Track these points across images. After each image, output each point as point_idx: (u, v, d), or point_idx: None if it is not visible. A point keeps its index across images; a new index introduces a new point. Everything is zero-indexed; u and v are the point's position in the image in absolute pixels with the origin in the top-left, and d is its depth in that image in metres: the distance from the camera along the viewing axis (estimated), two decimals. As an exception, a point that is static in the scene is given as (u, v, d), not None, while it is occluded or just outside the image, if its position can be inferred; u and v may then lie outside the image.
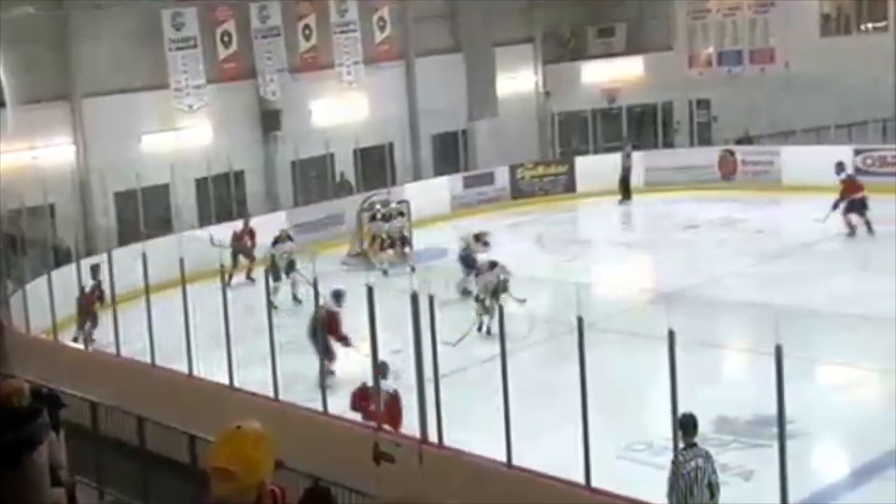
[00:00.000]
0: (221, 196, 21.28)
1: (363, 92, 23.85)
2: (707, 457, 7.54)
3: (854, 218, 18.59)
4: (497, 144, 25.37)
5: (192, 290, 11.75)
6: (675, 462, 7.49)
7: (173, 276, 11.84)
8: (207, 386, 11.22)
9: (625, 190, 24.05)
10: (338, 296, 13.02)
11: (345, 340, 12.82)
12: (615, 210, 23.55)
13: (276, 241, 18.24)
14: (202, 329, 11.48)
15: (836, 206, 18.72)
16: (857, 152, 23.18)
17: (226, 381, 10.92)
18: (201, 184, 21.04)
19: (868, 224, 18.41)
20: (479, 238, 17.87)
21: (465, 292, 16.43)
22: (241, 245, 18.79)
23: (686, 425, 7.48)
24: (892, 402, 6.55)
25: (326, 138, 22.13)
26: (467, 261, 17.10)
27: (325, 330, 12.40)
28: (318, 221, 21.38)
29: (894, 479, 6.59)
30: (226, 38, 21.87)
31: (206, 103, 21.12)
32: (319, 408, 9.99)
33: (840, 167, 19.77)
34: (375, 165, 23.60)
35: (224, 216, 20.59)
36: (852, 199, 18.78)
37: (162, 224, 20.09)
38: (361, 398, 10.05)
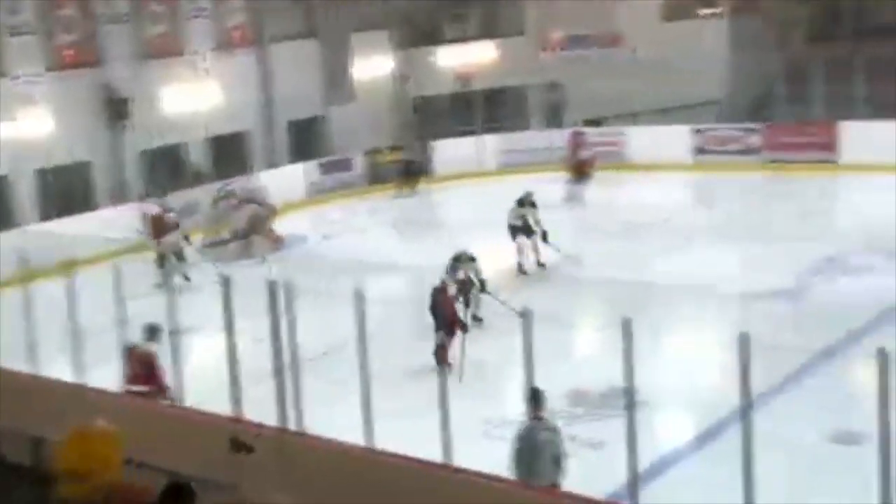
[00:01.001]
0: (66, 188, 20.44)
1: (216, 79, 23.30)
2: (554, 430, 7.76)
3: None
4: (354, 130, 25.30)
5: (38, 287, 11.25)
6: (519, 434, 7.68)
7: (12, 273, 11.34)
8: (52, 385, 10.79)
9: (407, 180, 24.37)
10: (153, 332, 11.04)
11: (163, 392, 10.68)
12: (471, 192, 23.86)
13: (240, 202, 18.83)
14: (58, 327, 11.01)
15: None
16: (695, 132, 24.31)
17: (76, 379, 10.53)
18: (42, 175, 20.16)
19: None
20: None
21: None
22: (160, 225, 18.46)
23: (532, 399, 7.65)
24: (731, 369, 6.91)
25: (179, 127, 21.55)
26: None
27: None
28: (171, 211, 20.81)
29: (733, 441, 6.94)
30: (67, 24, 20.96)
31: (46, 92, 20.18)
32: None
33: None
34: (231, 153, 23.15)
35: (68, 209, 19.80)
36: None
37: (1, 218, 19.22)
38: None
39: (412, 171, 24.68)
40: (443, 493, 7.74)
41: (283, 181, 23.02)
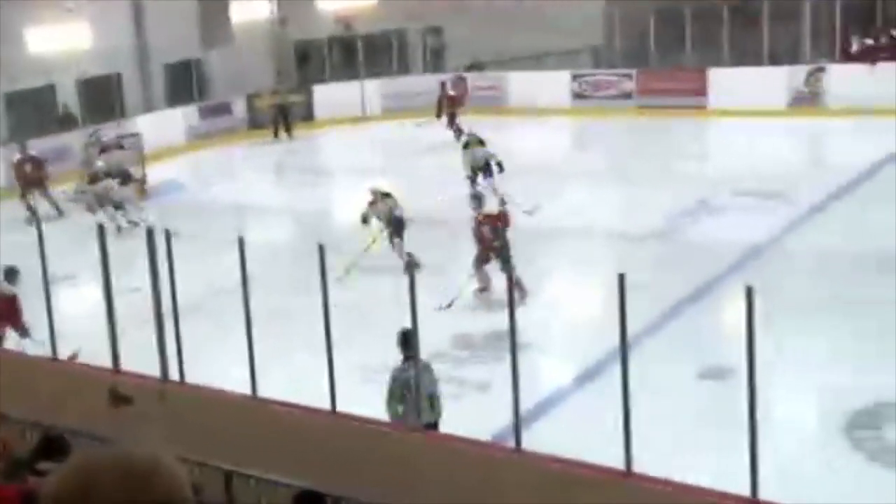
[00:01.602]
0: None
1: (86, 19, 22.11)
2: (425, 368, 7.80)
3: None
4: (233, 73, 24.53)
5: None
6: (392, 375, 7.80)
7: None
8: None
9: (283, 125, 24.03)
10: (11, 274, 10.72)
11: (24, 331, 10.82)
12: (353, 138, 23.57)
13: (102, 150, 17.75)
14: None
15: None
16: (573, 77, 24.56)
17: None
18: None
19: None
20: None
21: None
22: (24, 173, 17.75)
23: (403, 340, 7.71)
24: (609, 310, 7.05)
25: (46, 68, 20.44)
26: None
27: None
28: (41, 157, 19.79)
29: (612, 380, 7.07)
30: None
31: None
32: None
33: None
34: (103, 97, 22.15)
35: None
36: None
37: None
38: None
39: (286, 116, 24.17)
40: (326, 437, 7.68)
41: (161, 126, 22.21)
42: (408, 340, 7.66)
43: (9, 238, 13.33)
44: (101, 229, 9.75)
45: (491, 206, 12.45)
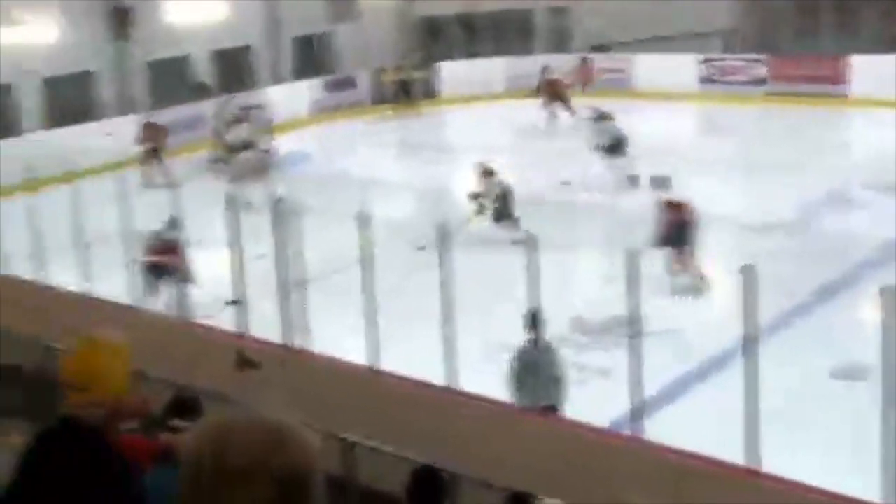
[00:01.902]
0: (71, 98, 20.11)
1: (221, -9, 22.80)
2: (549, 351, 7.73)
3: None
4: (359, 48, 24.85)
5: (43, 196, 11.14)
6: (516, 355, 7.80)
7: (19, 180, 11.19)
8: (60, 294, 10.74)
9: (407, 101, 24.05)
10: (173, 223, 11.40)
11: (186, 276, 11.34)
12: (476, 115, 23.56)
13: (235, 121, 18.41)
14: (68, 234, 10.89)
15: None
16: (702, 61, 23.94)
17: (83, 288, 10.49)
18: (49, 84, 19.83)
19: None
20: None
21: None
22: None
23: (531, 321, 7.71)
24: (735, 301, 6.87)
25: (183, 39, 21.13)
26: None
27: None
28: (175, 125, 20.52)
29: (736, 373, 6.91)
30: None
31: (51, -2, 19.69)
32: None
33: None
34: (235, 68, 22.77)
35: (74, 118, 19.53)
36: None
37: (7, 125, 18.93)
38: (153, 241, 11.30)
39: (410, 92, 24.32)
40: (443, 413, 7.75)
41: (288, 98, 22.69)
42: (535, 321, 7.64)
43: (137, 201, 13.84)
44: (231, 198, 10.07)
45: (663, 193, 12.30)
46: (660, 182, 12.80)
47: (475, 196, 13.86)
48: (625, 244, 7.17)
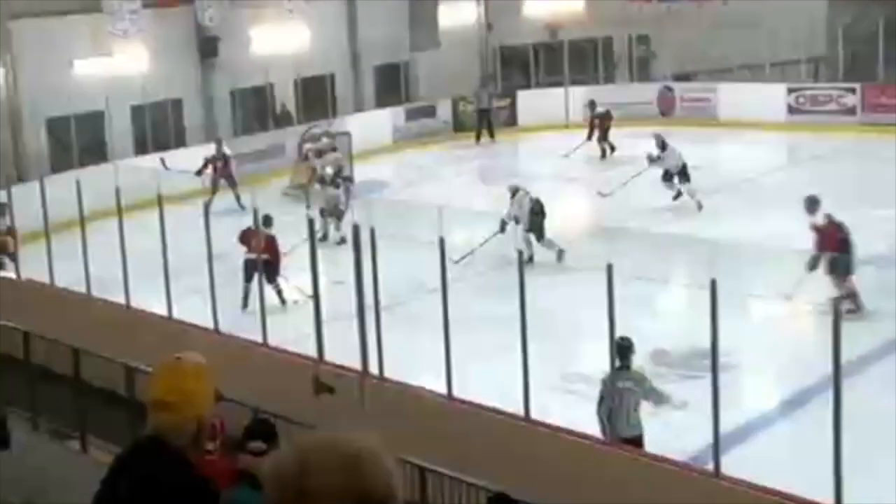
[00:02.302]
0: (158, 124, 20.73)
1: (304, 21, 23.27)
2: (639, 380, 7.67)
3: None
4: (439, 77, 25.09)
5: (131, 220, 11.49)
6: (605, 381, 7.74)
7: (107, 205, 11.54)
8: (145, 317, 11.04)
9: (485, 129, 24.03)
10: (268, 220, 12.55)
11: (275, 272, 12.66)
12: (556, 144, 23.53)
13: (319, 154, 18.73)
14: (153, 259, 11.21)
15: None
16: (790, 91, 23.49)
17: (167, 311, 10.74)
18: (137, 111, 20.48)
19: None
20: None
21: None
22: (219, 171, 18.79)
23: (620, 349, 7.68)
24: (822, 334, 6.70)
25: (266, 67, 21.62)
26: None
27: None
28: (257, 152, 20.98)
29: (821, 407, 6.75)
30: (163, -38, 21.12)
31: (142, 28, 20.41)
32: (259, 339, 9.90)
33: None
34: (316, 96, 23.19)
35: (161, 145, 20.10)
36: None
37: (96, 152, 19.56)
38: (247, 235, 12.30)
39: (489, 120, 24.37)
40: (519, 442, 7.72)
41: (369, 126, 22.98)
42: (622, 350, 7.57)
43: (219, 225, 14.16)
44: (310, 224, 10.25)
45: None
46: (810, 203, 12.75)
47: (502, 223, 14.50)
48: (707, 274, 7.07)
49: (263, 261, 11.49)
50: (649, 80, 25.74)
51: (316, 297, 9.58)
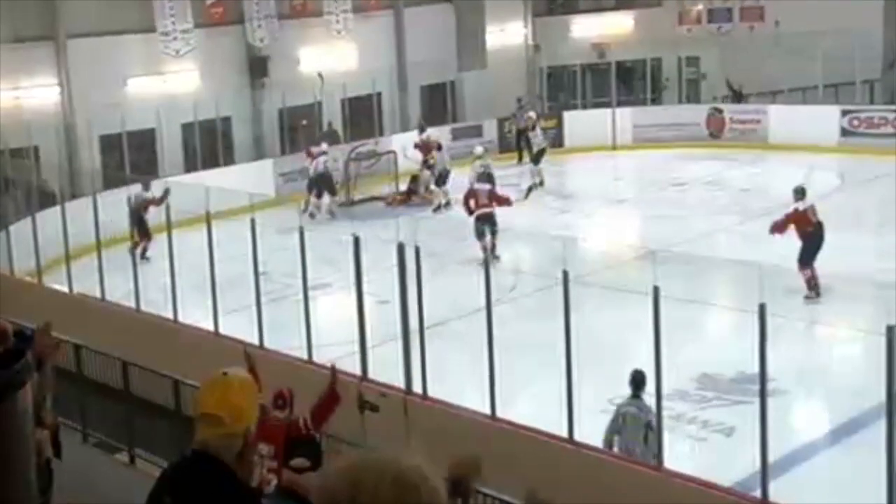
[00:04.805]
0: (208, 142, 21.05)
1: (352, 41, 23.55)
2: (640, 408, 7.82)
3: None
4: (485, 97, 25.18)
5: (181, 236, 11.67)
6: (616, 409, 7.97)
7: (160, 222, 11.72)
8: (192, 332, 11.18)
9: (525, 149, 23.97)
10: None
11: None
12: (603, 165, 23.47)
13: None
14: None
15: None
16: (844, 113, 23.17)
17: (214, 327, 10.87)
18: (188, 129, 20.82)
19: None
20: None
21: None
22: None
23: (634, 381, 7.83)
24: (873, 361, 6.59)
25: (314, 86, 21.88)
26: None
27: None
28: (305, 170, 21.16)
29: (872, 436, 6.62)
30: (215, -19, 21.50)
31: (193, 48, 20.83)
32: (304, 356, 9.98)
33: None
34: (364, 115, 23.38)
35: (211, 163, 20.44)
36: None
37: (148, 168, 19.90)
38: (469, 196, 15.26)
39: (527, 140, 24.18)
40: (561, 463, 7.69)
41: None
42: (636, 381, 7.77)
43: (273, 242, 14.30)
44: (356, 242, 10.31)
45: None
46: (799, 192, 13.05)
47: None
48: (756, 298, 7.00)
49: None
50: (698, 101, 25.56)
51: (360, 315, 9.62)
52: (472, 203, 15.94)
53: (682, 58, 26.49)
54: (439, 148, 20.95)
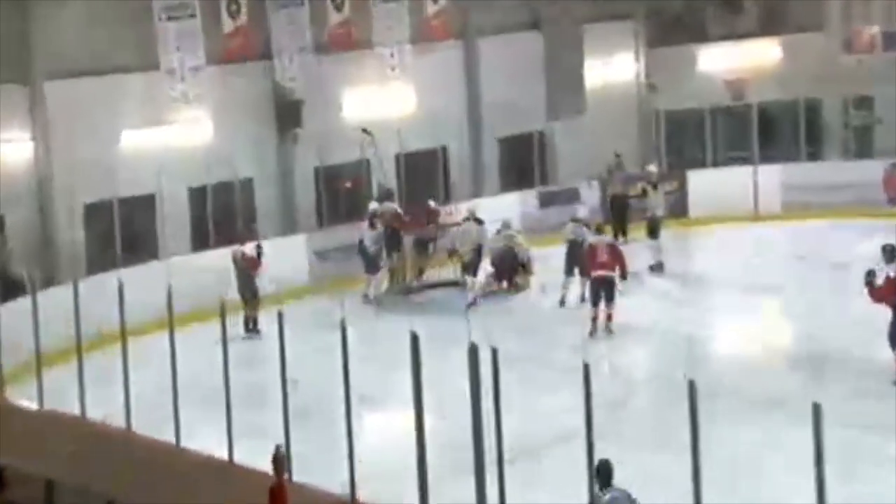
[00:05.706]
0: (222, 211, 21.30)
1: (410, 79, 23.87)
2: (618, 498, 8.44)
3: None
4: (584, 152, 25.19)
5: (186, 335, 11.88)
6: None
7: (159, 315, 11.95)
8: (201, 460, 11.30)
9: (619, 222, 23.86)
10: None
11: None
12: (741, 239, 23.33)
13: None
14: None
15: None
16: None
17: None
18: (196, 195, 21.15)
19: None
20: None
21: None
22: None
23: (598, 472, 8.44)
24: None
25: (361, 139, 22.14)
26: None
27: None
28: (347, 248, 21.15)
29: None
30: (233, 8, 21.97)
31: (207, 90, 21.13)
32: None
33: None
34: (425, 175, 23.58)
35: (227, 238, 20.40)
36: None
37: (145, 246, 20.21)
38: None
39: (622, 211, 23.93)
40: None
41: (491, 214, 23.06)
42: (601, 473, 8.46)
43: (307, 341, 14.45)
44: (414, 339, 10.32)
45: None
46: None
47: None
48: None
49: None
50: (871, 156, 25.41)
51: (420, 442, 9.58)
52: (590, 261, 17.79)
53: (850, 98, 26.42)
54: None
